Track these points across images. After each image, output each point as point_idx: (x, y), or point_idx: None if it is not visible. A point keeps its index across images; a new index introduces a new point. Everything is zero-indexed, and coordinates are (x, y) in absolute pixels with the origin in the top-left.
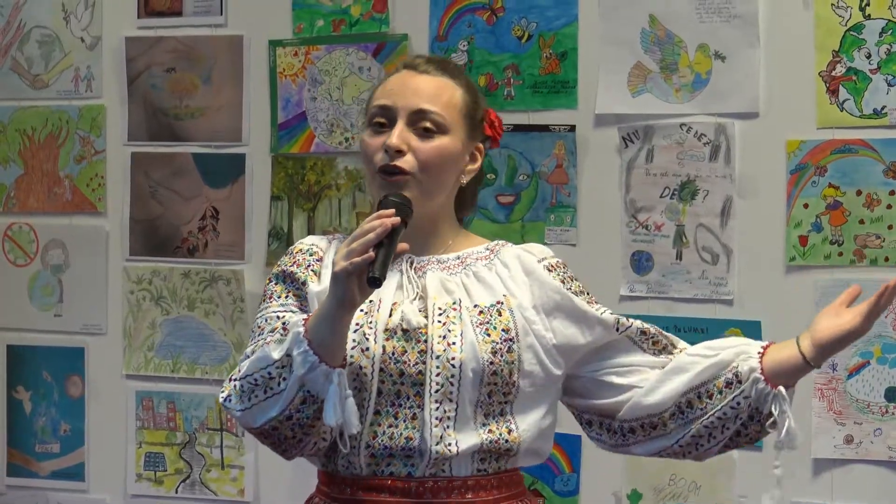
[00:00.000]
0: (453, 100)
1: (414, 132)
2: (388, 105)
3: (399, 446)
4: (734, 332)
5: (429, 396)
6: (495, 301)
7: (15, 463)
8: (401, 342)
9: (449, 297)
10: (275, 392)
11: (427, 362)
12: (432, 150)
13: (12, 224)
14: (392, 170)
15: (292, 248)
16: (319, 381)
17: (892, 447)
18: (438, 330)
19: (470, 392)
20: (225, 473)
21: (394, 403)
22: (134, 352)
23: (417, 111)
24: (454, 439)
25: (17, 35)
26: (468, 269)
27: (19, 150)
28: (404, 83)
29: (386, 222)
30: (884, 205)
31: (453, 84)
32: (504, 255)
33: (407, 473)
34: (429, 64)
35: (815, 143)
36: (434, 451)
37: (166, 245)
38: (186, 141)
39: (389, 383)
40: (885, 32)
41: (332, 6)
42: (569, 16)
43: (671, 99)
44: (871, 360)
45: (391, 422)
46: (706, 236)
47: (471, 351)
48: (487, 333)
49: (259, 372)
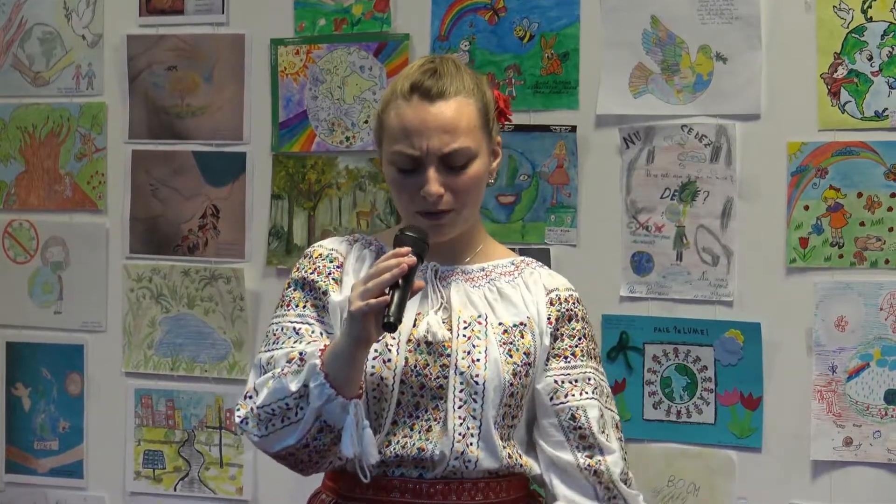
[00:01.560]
0: (472, 120)
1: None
2: (415, 155)
3: (411, 456)
4: (734, 333)
5: (453, 412)
6: (519, 322)
7: (13, 460)
8: (423, 355)
9: (474, 310)
10: (292, 422)
11: (450, 377)
12: (468, 181)
13: (12, 221)
14: (434, 216)
15: (311, 251)
16: (336, 413)
17: (892, 450)
18: (463, 345)
19: (492, 411)
20: (224, 472)
21: (411, 415)
22: (133, 349)
23: (448, 154)
24: (475, 456)
25: (18, 32)
26: (492, 284)
27: (20, 148)
28: (422, 121)
29: (403, 263)
30: (885, 207)
31: (466, 100)
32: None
33: (418, 476)
34: (439, 82)
35: (816, 145)
36: (451, 465)
37: (166, 243)
38: (187, 139)
39: (409, 395)
40: (887, 35)
41: (334, 5)
42: (570, 16)
43: (672, 100)
44: (870, 363)
45: (406, 432)
46: (706, 238)
47: (494, 370)
48: (510, 354)
49: (277, 402)
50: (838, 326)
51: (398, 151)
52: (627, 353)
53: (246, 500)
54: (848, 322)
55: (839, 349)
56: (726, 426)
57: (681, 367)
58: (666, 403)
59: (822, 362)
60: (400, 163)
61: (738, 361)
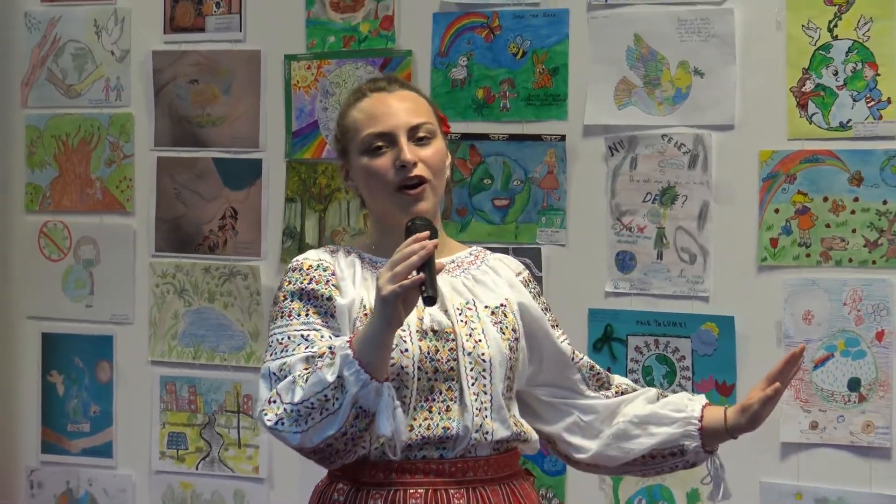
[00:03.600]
0: (427, 108)
1: (414, 144)
2: (385, 130)
3: (437, 436)
4: (710, 325)
5: (468, 389)
6: (499, 303)
7: (49, 441)
8: (433, 342)
9: (461, 297)
10: (330, 412)
11: (459, 359)
12: (434, 154)
13: (47, 222)
14: (413, 181)
15: (298, 264)
16: (371, 397)
17: (854, 433)
18: (463, 329)
19: (499, 384)
20: (241, 452)
21: (427, 398)
22: (158, 340)
23: (413, 127)
24: (491, 428)
25: (52, 48)
26: (466, 273)
27: (54, 154)
28: (388, 105)
29: (428, 246)
30: (848, 210)
31: (418, 95)
32: (490, 262)
33: (439, 456)
34: (392, 84)
35: (785, 153)
36: (473, 439)
37: (189, 242)
38: (208, 147)
39: (425, 380)
40: (851, 52)
41: (343, 24)
42: (560, 34)
43: (654, 111)
44: (834, 353)
45: (426, 415)
46: (685, 238)
47: (496, 347)
48: (502, 332)
49: (315, 396)
50: (805, 320)
51: (369, 134)
52: (612, 344)
53: (262, 479)
54: (814, 316)
55: (806, 341)
56: None
57: (661, 357)
58: None
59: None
60: (373, 143)
61: (714, 352)
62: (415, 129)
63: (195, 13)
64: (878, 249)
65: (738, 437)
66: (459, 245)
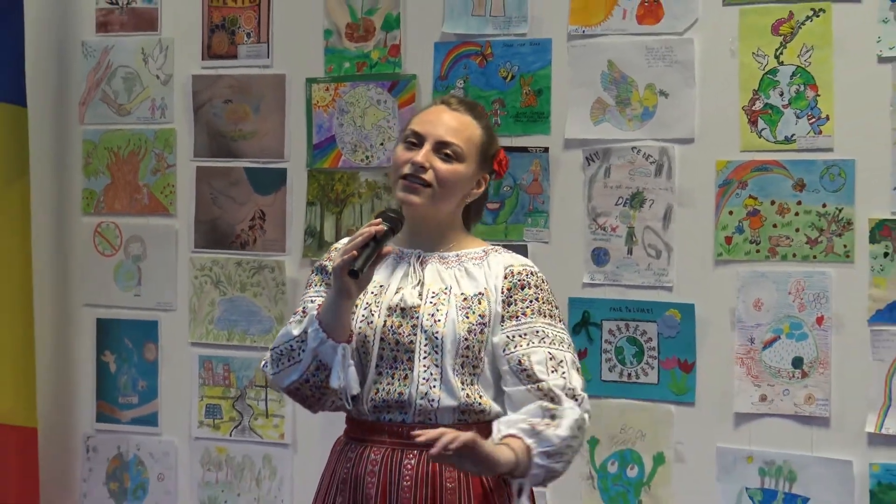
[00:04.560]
0: (473, 137)
1: (437, 155)
2: (420, 132)
3: (393, 399)
4: (673, 311)
5: (418, 361)
6: (478, 292)
7: (103, 412)
8: (398, 318)
9: (442, 284)
10: (295, 361)
11: (417, 335)
12: (448, 171)
13: (101, 223)
14: (414, 179)
15: (334, 247)
16: (329, 353)
17: (798, 404)
18: (429, 309)
19: (449, 360)
20: (269, 421)
21: (391, 367)
22: (197, 324)
23: (442, 141)
24: (437, 396)
25: (105, 73)
26: (461, 265)
27: (107, 164)
28: (438, 116)
29: (371, 230)
30: (792, 212)
31: (475, 124)
32: (491, 258)
33: (401, 420)
34: (460, 104)
35: (738, 163)
36: (418, 404)
37: (223, 240)
38: (240, 157)
39: (388, 350)
40: (795, 76)
41: (356, 51)
42: (544, 61)
43: (624, 127)
44: (781, 336)
45: (388, 381)
46: (651, 236)
47: (451, 327)
48: (467, 316)
49: (283, 345)
50: (755, 307)
51: (410, 129)
52: (589, 328)
53: (286, 444)
54: (763, 303)
55: (756, 325)
56: (667, 385)
57: (631, 338)
58: (619, 368)
59: (742, 335)
60: (409, 137)
61: (676, 334)
62: (444, 144)
63: (229, 42)
64: (818, 246)
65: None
66: (480, 242)
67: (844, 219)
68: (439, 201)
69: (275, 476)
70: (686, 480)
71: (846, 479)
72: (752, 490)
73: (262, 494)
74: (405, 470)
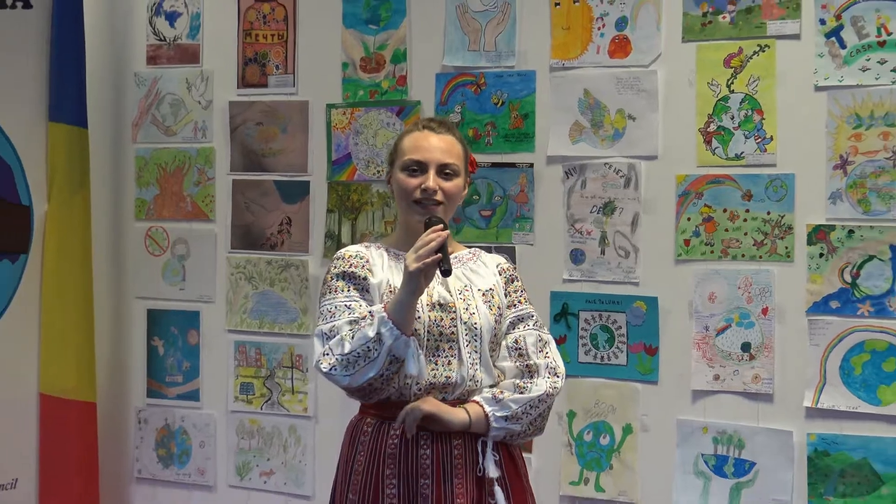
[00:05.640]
0: (459, 152)
1: (440, 177)
2: (421, 160)
3: (441, 383)
4: (639, 303)
5: (464, 349)
6: (488, 288)
7: (152, 388)
8: (439, 313)
9: (461, 282)
10: (371, 360)
11: (457, 327)
12: (453, 187)
13: (151, 227)
14: (428, 201)
15: (342, 254)
16: (401, 347)
17: (746, 383)
18: (462, 304)
19: (485, 347)
20: (294, 397)
21: (434, 355)
22: (233, 314)
23: (444, 164)
24: (480, 378)
25: (154, 99)
26: (465, 266)
27: (156, 178)
28: (430, 142)
29: (442, 234)
30: (741, 219)
31: (456, 140)
32: (482, 258)
33: (442, 399)
34: (441, 126)
35: (695, 176)
36: (467, 385)
37: (255, 242)
38: (269, 172)
39: (432, 341)
40: (744, 102)
41: (369, 81)
42: (529, 89)
43: (598, 146)
44: (731, 324)
45: (433, 367)
46: (621, 239)
47: (485, 319)
48: (490, 308)
49: (360, 347)
50: (710, 299)
51: (410, 159)
52: (567, 318)
53: (309, 416)
54: (717, 296)
55: (710, 315)
56: (634, 367)
57: (604, 326)
58: (593, 351)
59: (699, 323)
60: (410, 167)
61: (642, 323)
62: (444, 166)
63: (260, 73)
64: (763, 247)
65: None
66: (461, 246)
67: (786, 224)
68: (449, 212)
69: (299, 443)
70: (650, 447)
71: (787, 447)
72: (706, 455)
73: (287, 459)
74: (455, 439)
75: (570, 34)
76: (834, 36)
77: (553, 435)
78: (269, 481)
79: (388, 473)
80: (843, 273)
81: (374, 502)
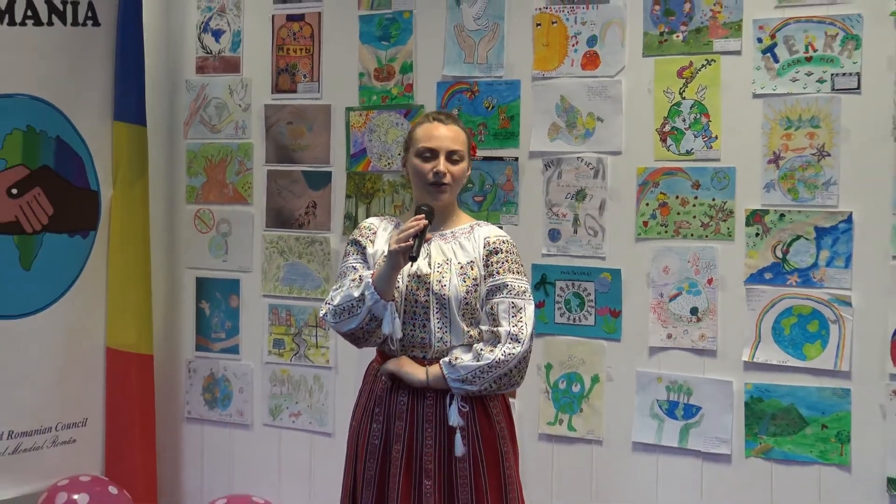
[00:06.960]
0: (463, 140)
1: (448, 162)
2: (433, 147)
3: (417, 341)
4: (606, 275)
5: (433, 315)
6: (469, 260)
7: (200, 343)
8: (415, 283)
9: (443, 256)
10: (354, 315)
11: (429, 297)
12: (459, 170)
13: (199, 209)
14: (440, 183)
15: (361, 224)
16: (380, 309)
17: (694, 341)
18: (436, 277)
19: (454, 314)
20: (318, 351)
21: (412, 318)
22: (267, 282)
23: (452, 151)
24: (448, 339)
25: (202, 102)
26: (456, 240)
27: (204, 168)
28: (439, 132)
29: (420, 224)
30: (691, 204)
31: (460, 129)
32: (477, 231)
33: (422, 356)
34: (448, 118)
35: (652, 169)
36: (436, 345)
37: (287, 222)
38: (298, 163)
39: (409, 307)
40: (693, 107)
41: (381, 88)
42: (515, 95)
43: (572, 143)
44: (682, 292)
45: (410, 328)
46: (591, 221)
47: (454, 290)
48: (464, 280)
49: (345, 303)
50: (664, 271)
51: (424, 147)
52: (546, 286)
53: (331, 367)
54: (670, 269)
55: (664, 284)
56: (601, 327)
57: (576, 293)
58: (567, 314)
59: (655, 292)
60: (424, 153)
61: (608, 291)
62: (452, 153)
63: (290, 81)
64: (708, 228)
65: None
66: (467, 218)
67: (728, 209)
68: (455, 192)
69: (322, 390)
70: (614, 395)
71: (728, 394)
72: (661, 401)
73: (312, 402)
74: (428, 392)
75: (549, 50)
76: (769, 52)
77: (533, 384)
78: (297, 421)
79: (376, 411)
80: (775, 250)
81: (364, 431)
